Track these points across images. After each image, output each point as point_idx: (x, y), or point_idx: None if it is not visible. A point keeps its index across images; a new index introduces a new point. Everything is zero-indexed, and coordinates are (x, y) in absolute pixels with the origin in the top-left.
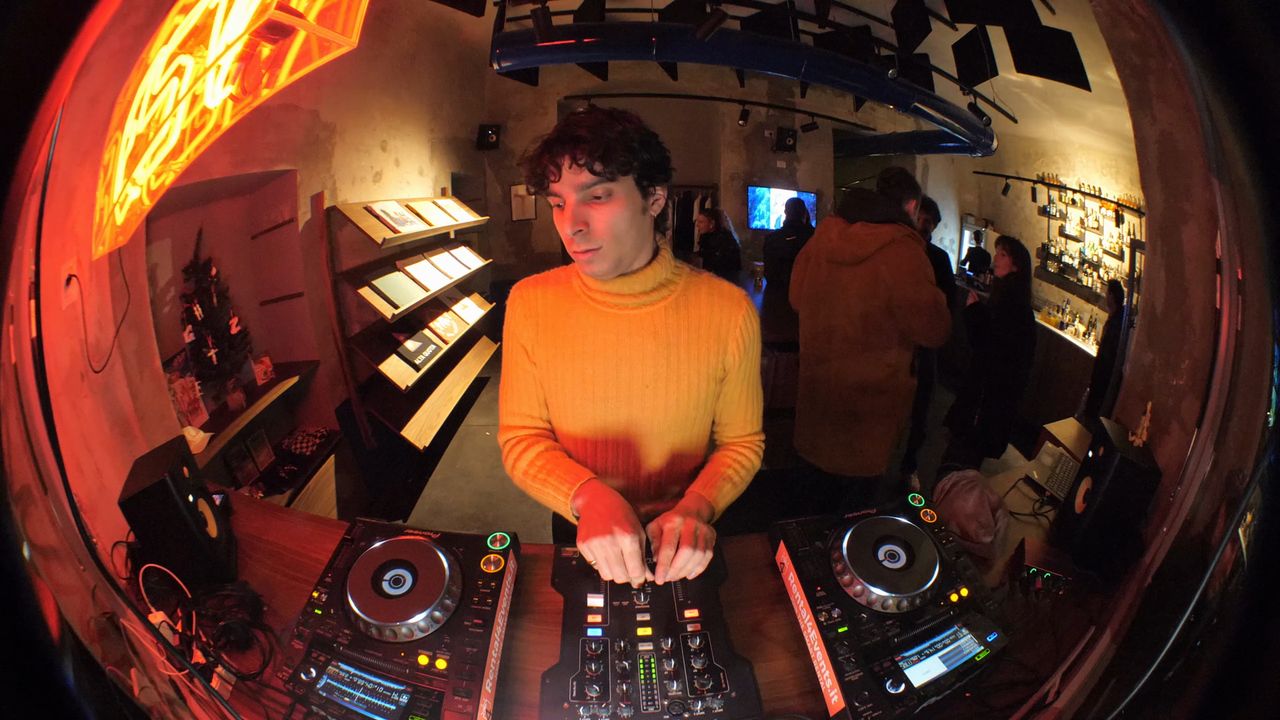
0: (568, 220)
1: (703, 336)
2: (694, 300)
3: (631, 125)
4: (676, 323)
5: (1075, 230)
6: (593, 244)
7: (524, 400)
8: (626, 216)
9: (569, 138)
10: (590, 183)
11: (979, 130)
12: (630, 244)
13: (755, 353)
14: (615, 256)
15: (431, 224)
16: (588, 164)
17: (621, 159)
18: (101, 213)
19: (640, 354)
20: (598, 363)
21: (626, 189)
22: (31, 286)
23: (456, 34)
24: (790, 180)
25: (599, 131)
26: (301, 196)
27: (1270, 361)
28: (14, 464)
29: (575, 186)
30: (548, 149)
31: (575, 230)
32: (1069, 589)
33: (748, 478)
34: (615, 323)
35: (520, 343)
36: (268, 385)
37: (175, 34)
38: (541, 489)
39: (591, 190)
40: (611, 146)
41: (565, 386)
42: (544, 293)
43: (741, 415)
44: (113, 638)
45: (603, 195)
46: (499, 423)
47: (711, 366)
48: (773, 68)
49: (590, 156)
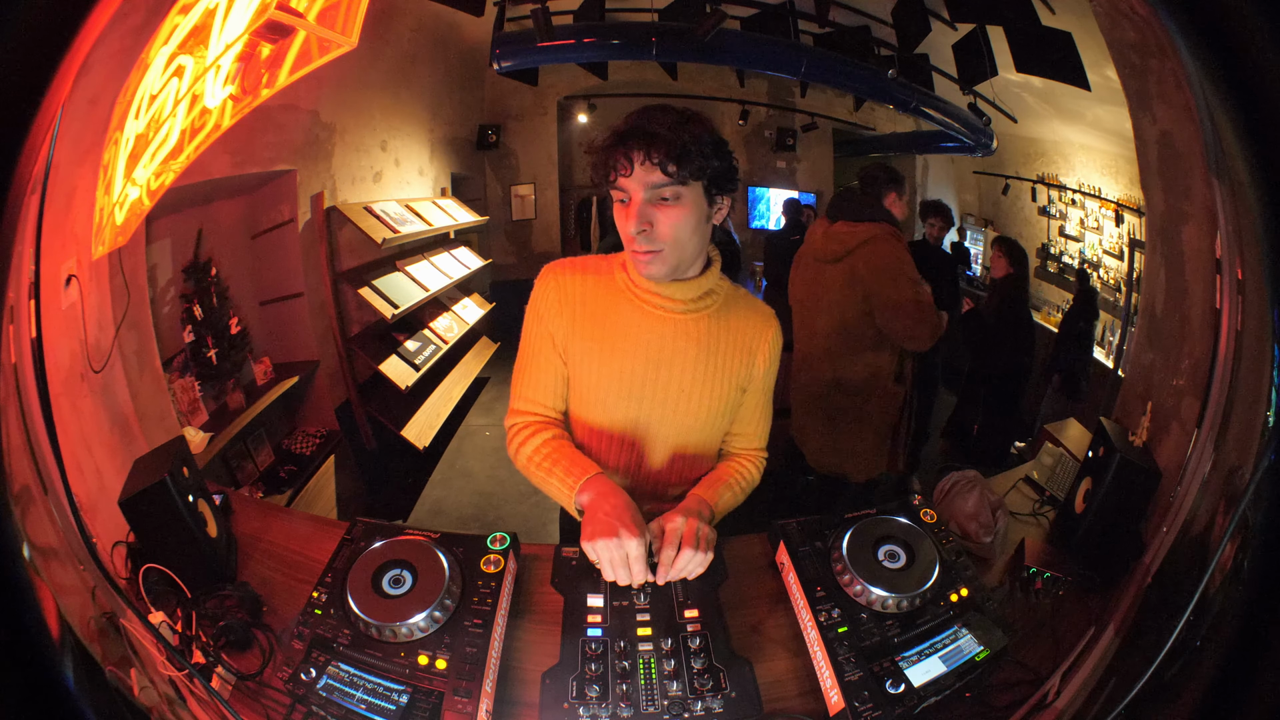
0: (632, 218)
1: (737, 348)
2: (733, 312)
3: (706, 130)
4: (717, 331)
5: (1075, 230)
6: (655, 245)
7: (540, 387)
8: (691, 222)
9: (646, 134)
10: (661, 183)
11: (979, 130)
12: (691, 250)
13: (775, 370)
14: (675, 261)
15: (431, 224)
16: (662, 164)
17: (696, 164)
18: (101, 213)
19: (682, 358)
20: (638, 361)
21: (695, 194)
22: (31, 286)
23: (456, 34)
24: (790, 180)
25: (677, 131)
26: (301, 196)
27: (1270, 361)
28: (14, 464)
29: (645, 185)
30: (622, 141)
31: (639, 230)
32: (1069, 589)
33: (748, 489)
34: (661, 324)
35: (547, 327)
36: (268, 385)
37: (175, 34)
38: (546, 478)
39: (660, 191)
40: (687, 149)
41: (601, 381)
42: (583, 281)
43: (752, 428)
44: (113, 638)
45: (671, 198)
46: (508, 405)
47: (740, 377)
48: (773, 68)
49: (666, 156)
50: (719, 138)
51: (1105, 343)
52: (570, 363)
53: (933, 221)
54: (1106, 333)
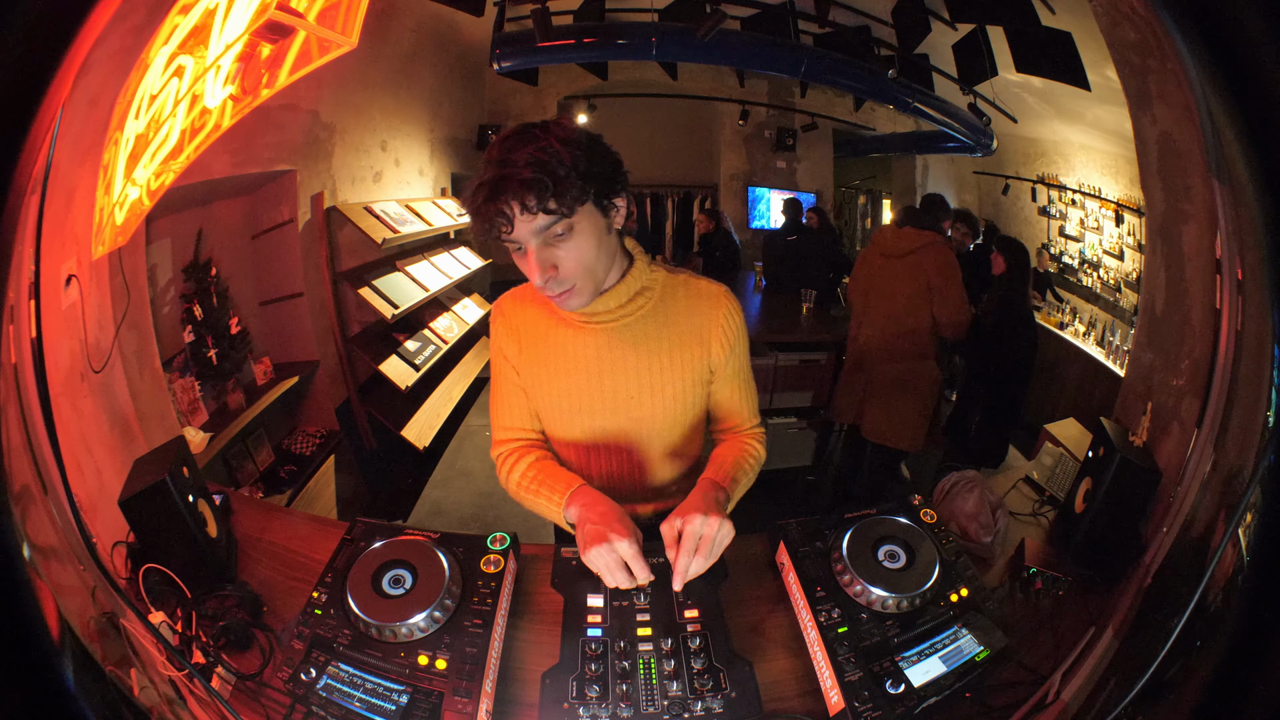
0: (535, 268)
1: (685, 342)
2: (672, 305)
3: (569, 137)
4: (656, 330)
5: (1075, 230)
6: (565, 285)
7: (512, 414)
8: (594, 244)
9: (512, 181)
10: (548, 224)
11: (979, 130)
12: (603, 268)
13: (742, 347)
14: (591, 287)
15: (431, 224)
16: (540, 206)
17: (576, 189)
18: (101, 213)
19: (622, 366)
20: (578, 377)
21: (587, 216)
22: (31, 286)
23: (456, 34)
24: (790, 180)
25: (542, 164)
26: (301, 196)
27: (1270, 361)
28: (14, 464)
29: (533, 232)
30: (492, 198)
31: (545, 279)
32: (1069, 589)
33: (757, 467)
34: (595, 338)
35: (505, 356)
36: (268, 385)
37: (175, 34)
38: (534, 499)
39: (552, 230)
40: (561, 179)
41: (551, 400)
42: (524, 310)
43: (738, 411)
44: (113, 638)
45: (564, 232)
46: (491, 437)
47: (696, 370)
48: (773, 68)
49: (541, 198)
50: (588, 140)
51: (1105, 343)
52: (526, 387)
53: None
54: (1106, 332)
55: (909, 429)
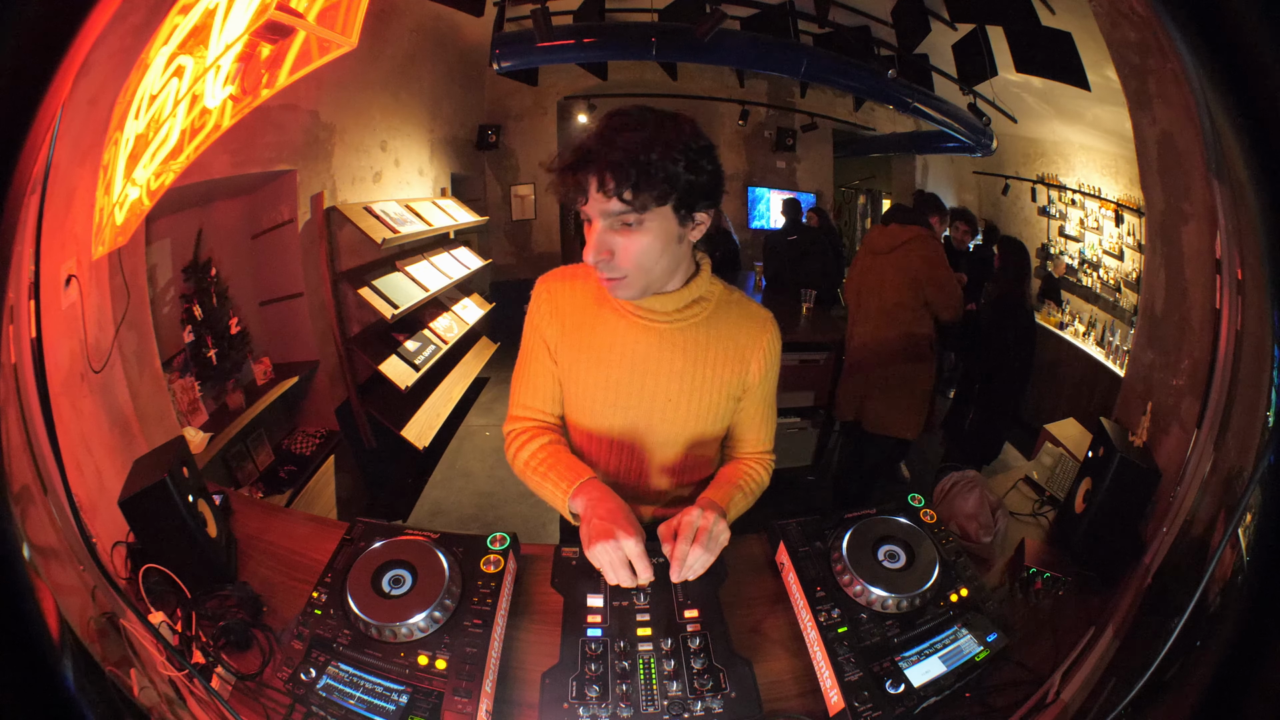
0: (590, 246)
1: (728, 356)
2: (724, 319)
3: (680, 139)
4: (705, 340)
5: (1075, 230)
6: (617, 273)
7: (537, 394)
8: (657, 247)
9: (599, 158)
10: (619, 210)
11: (979, 130)
12: (661, 272)
13: (775, 374)
14: (642, 285)
15: (431, 224)
16: (617, 191)
17: (658, 188)
18: (101, 213)
19: (668, 369)
20: (623, 371)
21: (660, 218)
22: (31, 286)
23: (456, 34)
24: (790, 180)
25: (636, 152)
26: (301, 196)
27: (1270, 361)
28: (14, 464)
29: (602, 212)
30: (576, 166)
31: (597, 258)
32: (1069, 589)
33: (757, 492)
34: (644, 334)
35: (542, 336)
36: (268, 385)
37: (175, 34)
38: (540, 482)
39: (621, 218)
40: (646, 173)
41: (587, 389)
42: (572, 289)
43: (755, 433)
44: (113, 638)
45: (633, 223)
46: (507, 411)
47: (732, 386)
48: (773, 68)
49: (619, 183)
50: (699, 147)
51: (1105, 343)
52: (561, 370)
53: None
54: (1106, 332)
55: (908, 417)
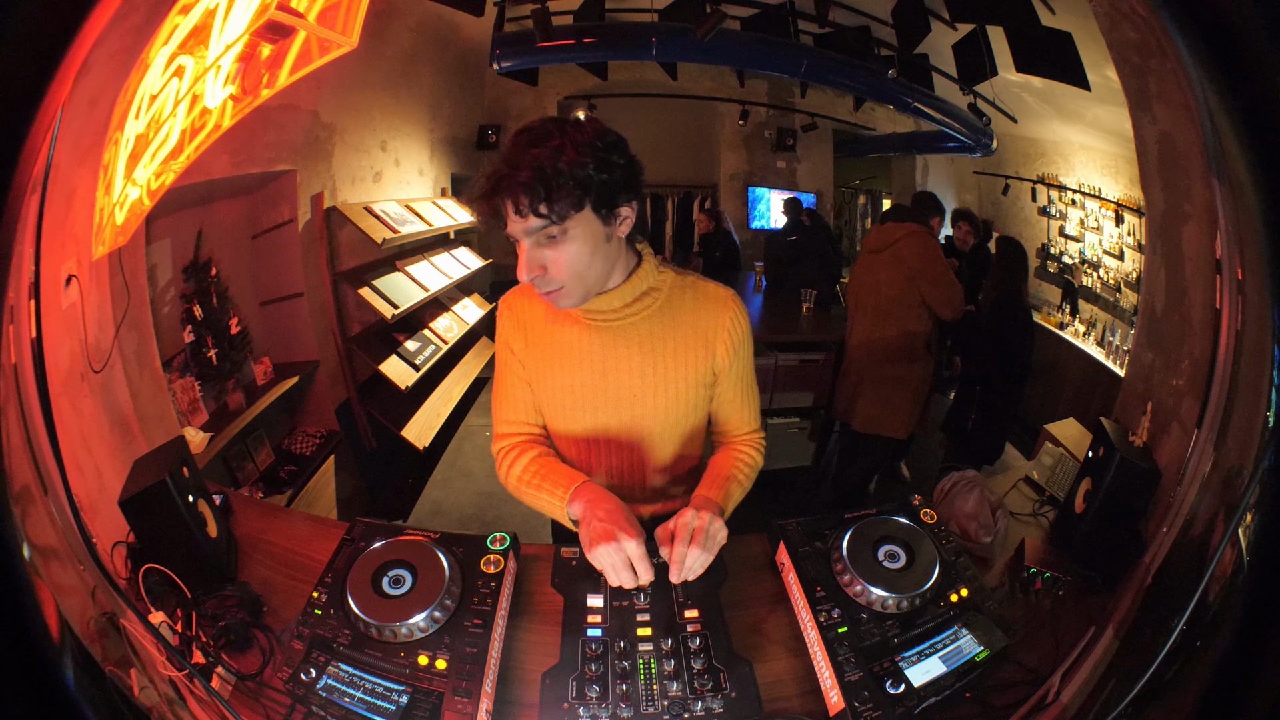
0: (523, 266)
1: (689, 343)
2: (679, 306)
3: (583, 141)
4: (662, 331)
5: (1075, 230)
6: (553, 285)
7: (517, 407)
8: (587, 252)
9: (508, 180)
10: (539, 226)
11: (979, 130)
12: (596, 274)
13: (747, 352)
14: (581, 292)
15: (431, 224)
16: (531, 208)
17: (571, 195)
18: (101, 213)
19: (626, 365)
20: (584, 374)
21: (583, 223)
22: (31, 286)
23: (456, 34)
24: (790, 180)
25: (542, 167)
26: (301, 196)
27: (1270, 361)
28: (14, 464)
29: (525, 231)
30: (488, 194)
31: (531, 276)
32: (1069, 589)
33: (753, 475)
34: (599, 335)
35: (512, 351)
36: (268, 385)
37: (175, 34)
38: (536, 495)
39: (544, 233)
40: (555, 183)
41: (556, 395)
42: (530, 303)
43: (738, 415)
44: (113, 638)
45: (557, 234)
46: (493, 431)
47: (700, 372)
48: (773, 68)
49: (532, 200)
50: (605, 144)
51: (1105, 343)
52: (531, 381)
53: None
54: (1106, 332)
55: (898, 417)
